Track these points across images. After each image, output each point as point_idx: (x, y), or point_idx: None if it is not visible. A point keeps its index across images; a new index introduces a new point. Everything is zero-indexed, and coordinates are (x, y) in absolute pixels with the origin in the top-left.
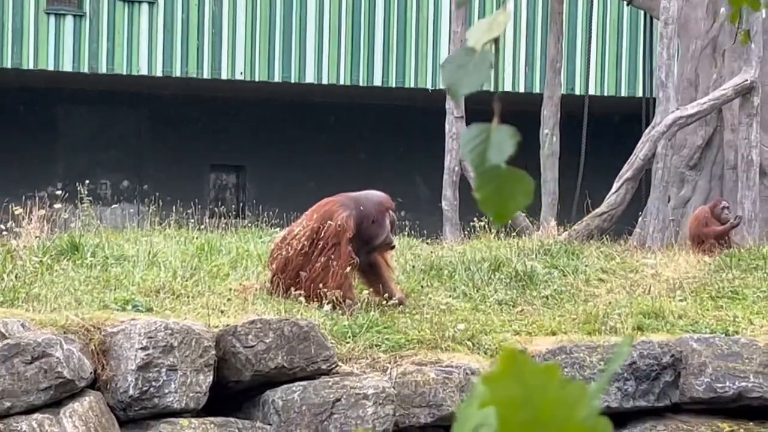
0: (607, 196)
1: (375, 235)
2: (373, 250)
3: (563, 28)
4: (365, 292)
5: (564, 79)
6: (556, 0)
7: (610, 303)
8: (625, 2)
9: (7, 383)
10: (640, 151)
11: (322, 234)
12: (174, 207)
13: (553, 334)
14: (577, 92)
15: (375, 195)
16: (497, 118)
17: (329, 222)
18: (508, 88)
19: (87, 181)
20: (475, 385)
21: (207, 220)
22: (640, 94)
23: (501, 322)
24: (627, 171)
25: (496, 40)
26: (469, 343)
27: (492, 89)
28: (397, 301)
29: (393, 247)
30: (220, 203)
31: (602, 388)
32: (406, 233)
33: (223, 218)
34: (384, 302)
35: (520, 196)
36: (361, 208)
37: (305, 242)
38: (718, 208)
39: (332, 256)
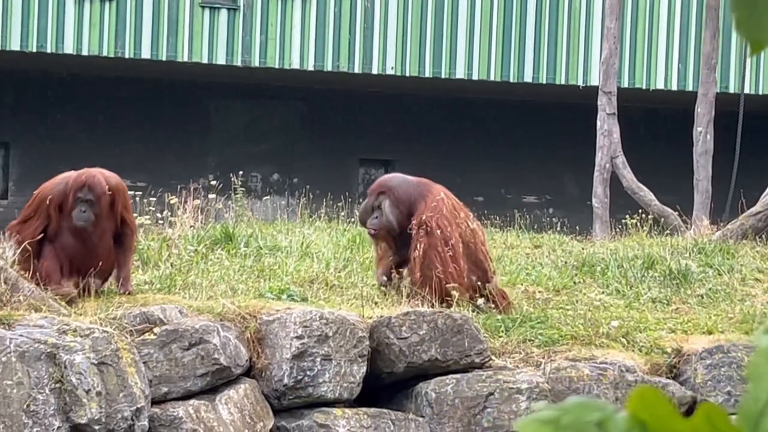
0: (763, 195)
1: None
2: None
3: (719, 24)
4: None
5: (718, 76)
6: None
7: (767, 303)
8: None
9: (164, 368)
10: None
11: None
12: (323, 200)
13: (709, 333)
14: (732, 90)
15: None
16: None
17: None
18: (660, 85)
19: (240, 173)
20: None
21: (356, 214)
22: None
23: (656, 320)
24: None
25: None
26: (624, 340)
27: None
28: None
29: (371, 236)
30: None
31: None
32: (555, 230)
33: None
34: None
35: None
36: None
37: None
38: None
39: None
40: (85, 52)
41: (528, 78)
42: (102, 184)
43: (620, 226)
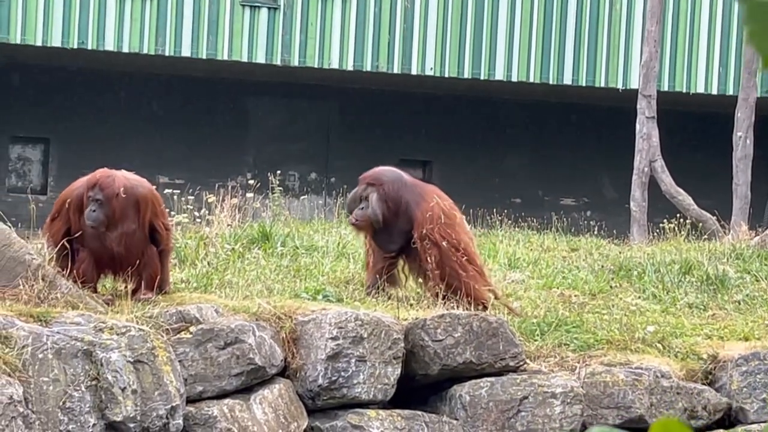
0: None
1: None
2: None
3: None
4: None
5: (759, 80)
6: None
7: None
8: None
9: (199, 367)
10: None
11: None
12: None
13: (746, 339)
14: None
15: None
16: None
17: None
18: (701, 89)
19: (278, 172)
20: None
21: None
22: None
23: (692, 325)
24: None
25: None
26: (660, 346)
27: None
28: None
29: (352, 225)
30: None
31: None
32: (592, 233)
33: None
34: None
35: None
36: None
37: None
38: None
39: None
40: (125, 50)
41: (567, 80)
42: (114, 185)
43: (658, 230)
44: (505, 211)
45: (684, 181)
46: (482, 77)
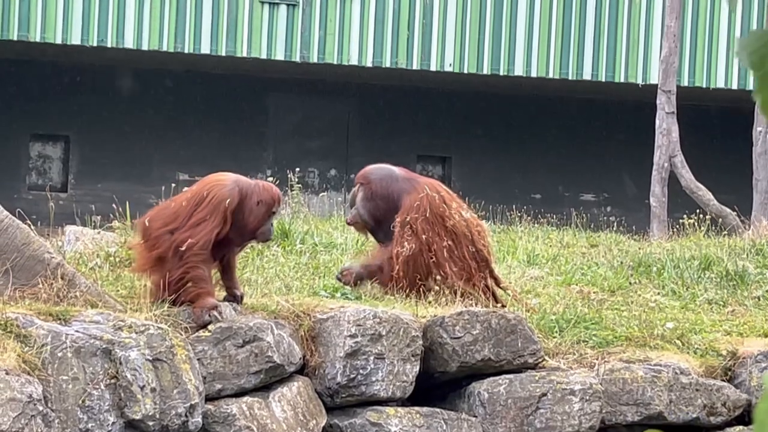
0: None
1: None
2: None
3: None
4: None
5: None
6: None
7: None
8: None
9: (218, 366)
10: None
11: None
12: None
13: (765, 336)
14: None
15: None
16: None
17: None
18: (721, 84)
19: (297, 169)
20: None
21: None
22: None
23: (711, 321)
24: None
25: None
26: (679, 342)
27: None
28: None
29: (348, 225)
30: None
31: None
32: (612, 229)
33: None
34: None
35: None
36: None
37: None
38: None
39: None
40: (145, 47)
41: (587, 75)
42: None
43: (678, 226)
44: (525, 207)
45: (704, 176)
46: (501, 73)
